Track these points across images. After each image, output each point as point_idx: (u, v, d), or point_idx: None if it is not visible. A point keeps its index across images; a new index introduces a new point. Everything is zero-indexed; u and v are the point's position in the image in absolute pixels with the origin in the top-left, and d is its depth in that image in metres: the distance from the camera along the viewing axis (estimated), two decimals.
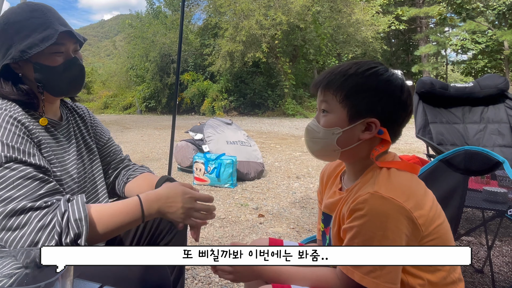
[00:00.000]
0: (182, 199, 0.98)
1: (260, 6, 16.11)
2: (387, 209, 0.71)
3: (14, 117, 0.91)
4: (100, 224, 0.90)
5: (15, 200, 0.82)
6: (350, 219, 0.76)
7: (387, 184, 0.75)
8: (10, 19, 0.99)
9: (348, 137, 0.83)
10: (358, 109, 0.81)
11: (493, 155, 1.16)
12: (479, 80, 2.80)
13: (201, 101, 18.24)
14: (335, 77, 0.84)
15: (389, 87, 0.81)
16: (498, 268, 1.41)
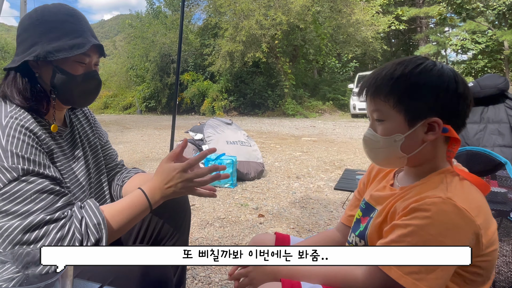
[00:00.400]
0: (173, 177, 0.98)
1: (260, 6, 16.10)
2: (458, 219, 0.68)
3: (25, 127, 0.89)
4: (114, 223, 0.93)
5: (33, 214, 0.83)
6: (408, 217, 0.71)
7: (462, 194, 0.71)
8: (45, 16, 0.97)
9: (412, 142, 0.78)
10: (415, 111, 0.76)
11: (496, 156, 1.16)
12: (479, 80, 2.80)
13: (201, 101, 18.23)
14: (382, 82, 0.79)
15: (442, 81, 0.76)
16: (498, 268, 1.41)
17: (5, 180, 0.83)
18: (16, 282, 0.56)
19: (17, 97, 0.94)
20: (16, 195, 0.83)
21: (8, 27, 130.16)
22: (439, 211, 0.68)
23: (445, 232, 0.67)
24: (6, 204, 0.82)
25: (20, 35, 0.99)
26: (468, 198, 0.71)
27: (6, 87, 0.96)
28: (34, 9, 1.00)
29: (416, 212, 0.70)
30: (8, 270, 0.63)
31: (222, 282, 1.93)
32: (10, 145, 0.85)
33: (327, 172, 4.79)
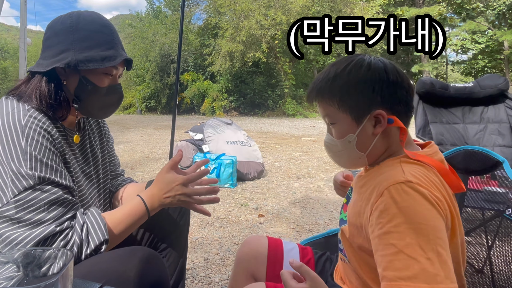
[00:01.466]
0: (173, 188, 0.99)
1: (260, 6, 16.11)
2: (422, 201, 0.69)
3: (44, 128, 0.88)
4: (115, 229, 0.94)
5: (44, 224, 0.83)
6: (380, 222, 0.70)
7: (418, 175, 0.73)
8: (80, 24, 0.95)
9: (364, 139, 0.80)
10: (358, 108, 0.79)
11: (493, 155, 1.16)
12: (479, 80, 2.80)
13: (201, 101, 18.24)
14: (321, 85, 0.83)
15: (374, 74, 0.78)
16: (498, 268, 1.41)
17: (21, 188, 0.82)
18: (16, 282, 0.56)
19: (35, 100, 0.91)
20: (30, 203, 0.83)
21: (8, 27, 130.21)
22: (405, 198, 0.68)
23: (416, 215, 0.66)
24: (19, 211, 0.82)
25: (50, 38, 0.96)
26: (422, 176, 0.72)
27: (27, 89, 0.93)
28: (68, 15, 0.98)
29: (383, 213, 0.69)
30: (9, 270, 0.63)
31: (222, 282, 1.93)
32: (29, 147, 0.84)
33: (327, 172, 4.79)
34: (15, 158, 0.82)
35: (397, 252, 0.64)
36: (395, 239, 0.65)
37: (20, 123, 0.85)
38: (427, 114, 2.77)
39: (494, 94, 2.74)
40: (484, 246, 1.52)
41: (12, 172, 0.82)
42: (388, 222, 0.67)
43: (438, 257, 0.63)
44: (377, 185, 0.74)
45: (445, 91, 2.78)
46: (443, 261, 0.63)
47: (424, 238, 0.64)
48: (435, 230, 0.65)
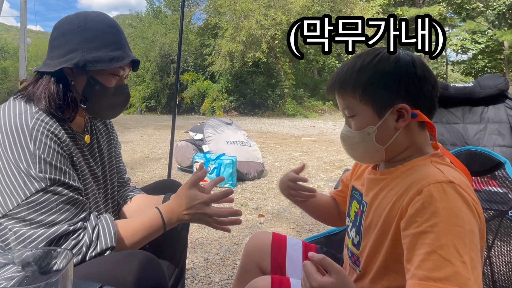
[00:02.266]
0: (194, 206, 0.99)
1: (260, 6, 16.12)
2: (461, 202, 0.67)
3: (51, 131, 0.88)
4: (128, 239, 0.94)
5: (57, 224, 0.84)
6: (419, 220, 0.67)
7: (457, 177, 0.71)
8: (87, 24, 0.95)
9: (385, 132, 0.78)
10: (381, 101, 0.77)
11: (495, 156, 1.16)
12: (479, 80, 2.80)
13: (201, 101, 18.24)
14: (345, 77, 0.81)
15: (401, 67, 0.77)
16: (498, 268, 1.41)
17: (33, 190, 0.82)
18: (16, 282, 0.56)
19: (44, 102, 0.91)
20: (42, 205, 0.83)
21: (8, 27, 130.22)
22: (445, 198, 0.66)
23: (456, 217, 0.65)
24: (32, 213, 0.82)
25: (57, 38, 0.96)
26: (460, 178, 0.70)
27: (36, 90, 0.93)
28: (75, 15, 0.97)
29: (421, 211, 0.67)
30: (10, 270, 0.63)
31: (222, 282, 1.93)
32: (38, 149, 0.84)
33: (327, 172, 4.79)
34: (24, 161, 0.82)
35: (431, 252, 0.63)
36: (430, 239, 0.64)
37: (27, 125, 0.85)
38: None
39: (494, 94, 2.74)
40: (484, 246, 1.52)
41: (24, 174, 0.82)
42: (426, 221, 0.65)
43: (471, 262, 0.62)
44: (414, 182, 0.71)
45: (445, 91, 2.77)
46: (474, 266, 0.62)
47: (461, 241, 0.62)
48: (471, 234, 0.64)
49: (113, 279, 0.80)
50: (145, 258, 0.86)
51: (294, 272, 1.06)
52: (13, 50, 30.97)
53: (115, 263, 0.84)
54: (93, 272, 0.81)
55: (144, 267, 0.84)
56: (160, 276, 0.89)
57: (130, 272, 0.81)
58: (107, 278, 0.80)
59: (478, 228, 0.67)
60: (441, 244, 0.62)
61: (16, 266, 0.57)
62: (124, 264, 0.83)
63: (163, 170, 4.88)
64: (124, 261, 0.84)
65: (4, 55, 32.20)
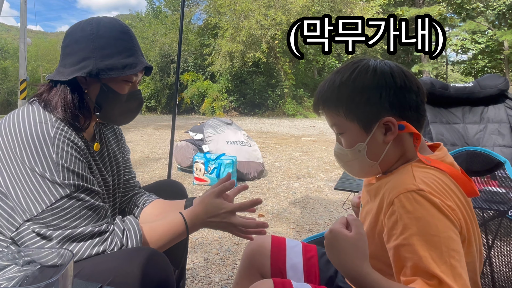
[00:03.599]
0: (219, 214, 0.99)
1: (260, 6, 16.12)
2: (432, 209, 0.67)
3: (71, 140, 0.89)
4: (152, 243, 0.95)
5: (82, 227, 0.86)
6: (394, 231, 0.69)
7: (428, 181, 0.70)
8: (100, 31, 0.94)
9: (375, 147, 0.77)
10: (366, 116, 0.76)
11: (495, 156, 1.16)
12: (479, 80, 2.80)
13: (201, 101, 18.24)
14: (326, 95, 0.80)
15: (379, 80, 0.75)
16: (498, 268, 1.41)
17: (58, 196, 0.84)
18: (16, 282, 0.56)
19: (60, 111, 0.91)
20: (67, 211, 0.84)
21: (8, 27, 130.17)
22: (416, 208, 0.66)
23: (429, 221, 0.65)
24: (56, 218, 0.84)
25: (69, 45, 0.95)
26: (434, 183, 0.70)
27: (52, 98, 0.92)
28: (87, 21, 0.97)
29: (396, 224, 0.68)
30: (11, 271, 0.63)
31: (222, 282, 1.93)
32: (61, 159, 0.85)
33: (327, 172, 4.79)
34: (47, 169, 0.83)
35: (414, 265, 0.64)
36: (409, 252, 0.64)
37: (49, 134, 0.86)
38: (427, 114, 2.77)
39: (494, 94, 2.74)
40: (484, 246, 1.52)
41: (48, 182, 0.83)
42: (401, 234, 0.66)
43: (451, 270, 0.61)
44: (387, 191, 0.72)
45: (445, 91, 2.78)
46: (457, 274, 0.62)
47: (437, 251, 0.62)
48: (449, 241, 0.64)
49: (121, 275, 0.81)
50: (152, 253, 0.87)
51: (295, 275, 1.06)
52: (13, 50, 30.93)
53: (122, 259, 0.84)
54: (100, 269, 0.82)
55: (151, 262, 0.85)
56: (167, 270, 0.89)
57: (138, 267, 0.82)
58: (115, 274, 0.81)
59: (457, 232, 0.66)
60: (419, 257, 0.63)
61: (17, 266, 0.57)
62: (131, 259, 0.84)
63: (163, 170, 4.88)
64: (131, 257, 0.85)
65: (4, 55, 32.16)
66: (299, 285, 0.86)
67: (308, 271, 1.06)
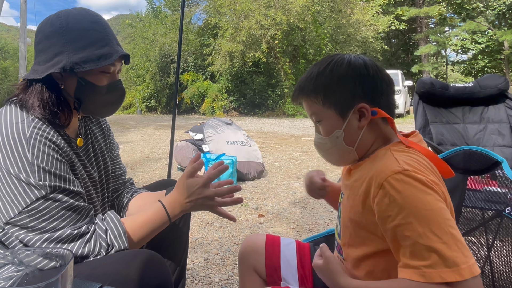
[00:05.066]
0: (193, 192, 0.98)
1: (260, 6, 16.11)
2: (422, 186, 0.71)
3: (49, 139, 0.87)
4: (134, 235, 0.95)
5: (60, 230, 0.84)
6: (386, 214, 0.73)
7: (411, 161, 0.75)
8: (69, 24, 0.91)
9: (351, 133, 0.83)
10: (342, 103, 0.82)
11: (492, 155, 1.16)
12: (479, 80, 2.80)
13: (201, 101, 18.23)
14: (305, 84, 0.87)
15: (354, 70, 0.82)
16: (498, 268, 1.41)
17: (33, 197, 0.82)
18: (14, 281, 0.56)
19: (38, 109, 0.89)
20: (43, 213, 0.83)
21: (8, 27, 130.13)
22: (406, 187, 0.69)
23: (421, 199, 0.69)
24: (33, 220, 0.82)
25: (41, 42, 0.93)
26: (416, 163, 0.74)
27: (28, 97, 0.91)
28: (56, 15, 0.93)
29: (390, 206, 0.70)
30: (8, 270, 0.63)
31: (222, 282, 1.93)
32: (36, 159, 0.83)
33: (327, 172, 4.79)
34: (23, 171, 0.82)
35: (413, 243, 0.66)
36: (408, 231, 0.67)
37: (24, 134, 0.84)
38: (427, 114, 2.78)
39: (494, 94, 2.74)
40: (484, 246, 1.52)
41: (24, 183, 0.82)
42: (397, 214, 0.69)
43: (452, 238, 0.65)
44: (373, 176, 0.75)
45: (445, 91, 2.78)
46: (458, 240, 0.65)
47: (435, 223, 0.66)
48: (442, 212, 0.67)
49: (119, 278, 0.80)
50: (150, 256, 0.87)
51: (289, 273, 1.07)
52: (13, 50, 30.95)
53: (119, 263, 0.84)
54: (97, 272, 0.81)
55: (148, 265, 0.84)
56: (165, 273, 0.89)
57: (135, 270, 0.82)
58: (112, 278, 0.80)
59: (445, 203, 0.70)
60: (418, 234, 0.66)
61: (14, 265, 0.57)
62: (129, 263, 0.83)
63: (163, 170, 4.88)
64: (128, 260, 0.84)
65: (4, 55, 32.16)
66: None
67: (302, 269, 1.08)
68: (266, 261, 1.09)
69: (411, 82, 14.61)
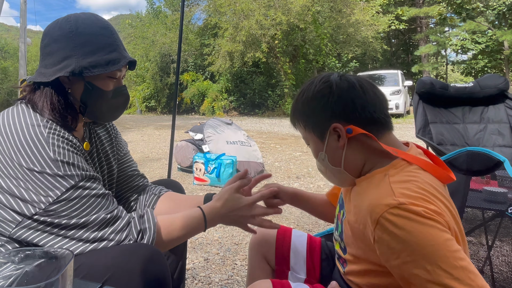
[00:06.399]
0: (241, 208, 0.99)
1: (260, 6, 16.09)
2: (424, 220, 0.68)
3: (66, 137, 0.89)
4: (169, 236, 0.95)
5: (95, 214, 0.86)
6: (385, 249, 0.70)
7: (408, 190, 0.71)
8: (79, 28, 0.91)
9: (334, 154, 0.83)
10: (317, 125, 0.83)
11: (494, 155, 1.16)
12: (479, 80, 2.80)
13: (201, 101, 18.22)
14: (292, 111, 0.90)
15: (319, 92, 0.82)
16: (498, 268, 1.41)
17: (63, 188, 0.83)
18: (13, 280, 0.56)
19: (48, 112, 0.90)
20: (75, 201, 0.84)
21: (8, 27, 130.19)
22: (405, 223, 0.65)
23: (424, 237, 0.65)
24: (66, 209, 0.83)
25: (49, 45, 0.93)
26: (413, 191, 0.69)
27: (37, 100, 0.91)
28: (65, 19, 0.94)
29: (392, 243, 0.67)
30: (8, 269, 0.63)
31: (222, 282, 1.93)
32: (58, 155, 0.85)
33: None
34: (46, 166, 0.83)
35: (425, 281, 0.63)
36: (416, 269, 0.64)
37: (42, 135, 0.85)
38: (427, 114, 2.78)
39: (494, 94, 2.74)
40: (484, 246, 1.52)
41: (50, 177, 0.83)
42: (401, 251, 0.66)
43: (463, 271, 0.61)
44: (368, 209, 0.71)
45: (445, 91, 2.78)
46: (470, 271, 0.62)
47: (443, 258, 0.62)
48: (447, 244, 0.64)
49: (120, 270, 0.80)
50: (150, 250, 0.87)
51: (298, 263, 1.09)
52: (13, 50, 30.91)
53: (121, 255, 0.84)
54: (99, 264, 0.82)
55: (150, 258, 0.85)
56: (165, 268, 0.90)
57: (136, 263, 0.82)
58: (113, 270, 0.80)
59: (449, 232, 0.66)
60: (427, 271, 0.63)
61: (13, 264, 0.57)
62: (130, 256, 0.84)
63: (163, 170, 4.88)
64: (130, 253, 0.85)
65: (4, 55, 32.15)
66: (297, 285, 0.88)
67: (311, 260, 1.09)
68: (276, 249, 1.12)
69: (411, 82, 14.59)
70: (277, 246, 1.12)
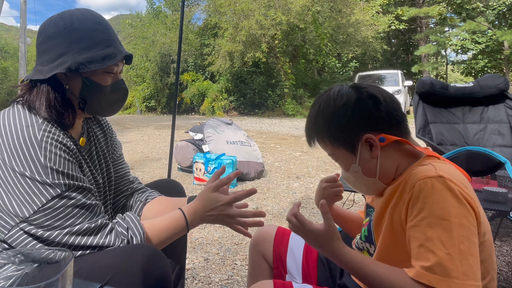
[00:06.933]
0: (217, 207, 0.99)
1: (260, 6, 16.09)
2: (453, 196, 0.71)
3: (59, 141, 0.88)
4: (153, 239, 0.96)
5: (78, 225, 0.86)
6: (414, 213, 0.72)
7: (449, 171, 0.74)
8: (74, 24, 0.91)
9: (368, 165, 0.81)
10: (347, 139, 0.81)
11: (495, 156, 1.16)
12: (479, 80, 2.80)
13: (201, 101, 18.22)
14: (309, 130, 0.88)
15: (344, 104, 0.80)
16: (498, 268, 1.41)
17: (48, 196, 0.83)
18: (14, 281, 0.56)
19: (45, 110, 0.89)
20: (59, 211, 0.84)
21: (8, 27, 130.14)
22: (432, 192, 0.69)
23: (449, 209, 0.67)
24: (49, 219, 0.83)
25: (44, 43, 0.93)
26: (454, 174, 0.74)
27: (34, 98, 0.91)
28: (59, 16, 0.94)
29: (413, 206, 0.71)
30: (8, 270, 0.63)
31: (222, 282, 1.92)
32: (49, 161, 0.84)
33: (327, 172, 4.79)
34: (36, 172, 0.83)
35: (420, 245, 0.67)
36: (419, 233, 0.68)
37: (36, 138, 0.85)
38: (427, 114, 2.77)
39: (494, 94, 2.74)
40: (489, 239, 1.52)
41: (38, 183, 0.83)
42: (416, 215, 0.69)
43: (459, 254, 0.64)
44: (409, 181, 0.74)
45: (445, 91, 2.77)
46: (464, 258, 0.64)
47: (447, 234, 0.65)
48: (460, 227, 0.66)
49: (121, 271, 0.81)
50: (150, 250, 0.87)
51: (294, 266, 1.09)
52: (13, 50, 30.89)
53: (122, 256, 0.85)
54: (100, 265, 0.82)
55: (149, 258, 0.85)
56: (165, 267, 0.90)
57: (137, 263, 0.82)
58: (114, 271, 0.81)
59: (471, 221, 0.68)
60: (426, 237, 0.67)
61: (13, 265, 0.57)
62: (131, 256, 0.84)
63: (163, 170, 4.88)
64: (130, 254, 0.85)
65: (4, 55, 32.12)
66: (300, 286, 0.88)
67: (307, 265, 1.09)
68: (273, 250, 1.12)
69: (411, 82, 14.59)
70: (274, 246, 1.13)
